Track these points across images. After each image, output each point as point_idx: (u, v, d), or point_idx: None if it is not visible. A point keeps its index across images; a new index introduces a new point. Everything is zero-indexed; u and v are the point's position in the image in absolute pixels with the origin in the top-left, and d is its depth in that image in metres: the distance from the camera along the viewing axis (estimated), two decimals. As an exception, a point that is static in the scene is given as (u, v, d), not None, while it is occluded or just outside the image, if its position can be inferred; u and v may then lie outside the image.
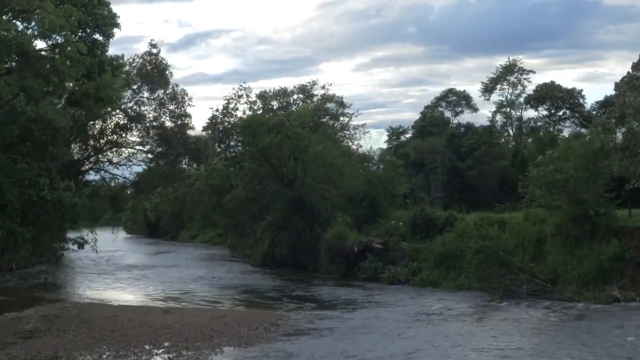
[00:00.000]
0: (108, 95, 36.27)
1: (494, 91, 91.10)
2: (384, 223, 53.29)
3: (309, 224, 59.48)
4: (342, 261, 52.74)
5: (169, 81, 57.74)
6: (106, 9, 38.59)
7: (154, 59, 56.79)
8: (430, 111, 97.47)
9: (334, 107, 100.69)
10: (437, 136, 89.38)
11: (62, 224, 37.66)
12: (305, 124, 61.91)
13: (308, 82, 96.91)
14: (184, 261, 72.88)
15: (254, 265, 64.64)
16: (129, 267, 66.25)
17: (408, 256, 48.97)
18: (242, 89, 72.11)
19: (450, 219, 50.23)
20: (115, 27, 38.78)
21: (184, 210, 72.62)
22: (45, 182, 36.84)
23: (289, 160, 61.28)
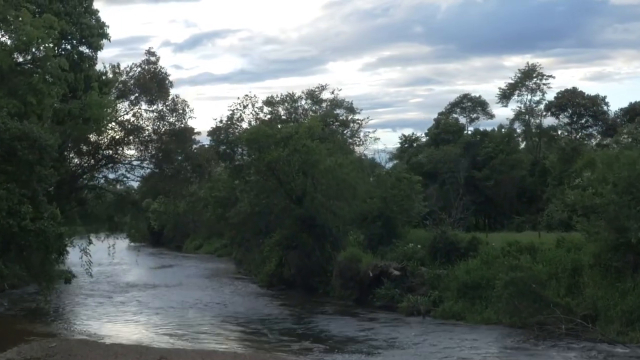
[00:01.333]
0: (95, 115, 32.26)
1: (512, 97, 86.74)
2: (400, 245, 49.33)
3: (319, 243, 55.63)
4: (356, 286, 48.87)
5: (168, 92, 53.78)
6: (94, 18, 34.69)
7: (152, 68, 52.87)
8: (444, 117, 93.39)
9: (344, 112, 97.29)
10: (451, 144, 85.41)
11: (46, 256, 33.74)
12: (314, 135, 57.89)
13: (316, 86, 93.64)
14: (187, 279, 69.11)
15: (261, 286, 60.71)
16: (128, 287, 62.39)
17: (428, 283, 45.01)
18: (247, 98, 68.40)
19: (474, 242, 46.21)
20: (104, 38, 34.85)
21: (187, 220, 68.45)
22: (28, 210, 33.01)
23: (298, 174, 57.29)
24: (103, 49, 35.40)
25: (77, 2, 35.98)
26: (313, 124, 58.17)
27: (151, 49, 54.45)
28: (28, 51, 27.18)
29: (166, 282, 66.07)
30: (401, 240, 50.80)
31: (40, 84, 26.62)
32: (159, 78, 52.92)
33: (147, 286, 63.10)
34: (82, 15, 34.66)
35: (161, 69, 53.57)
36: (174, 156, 54.11)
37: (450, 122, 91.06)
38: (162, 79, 53.23)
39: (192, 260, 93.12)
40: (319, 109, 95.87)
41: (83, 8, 36.11)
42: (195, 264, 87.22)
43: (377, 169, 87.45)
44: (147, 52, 53.74)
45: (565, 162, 71.02)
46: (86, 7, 36.83)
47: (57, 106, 31.64)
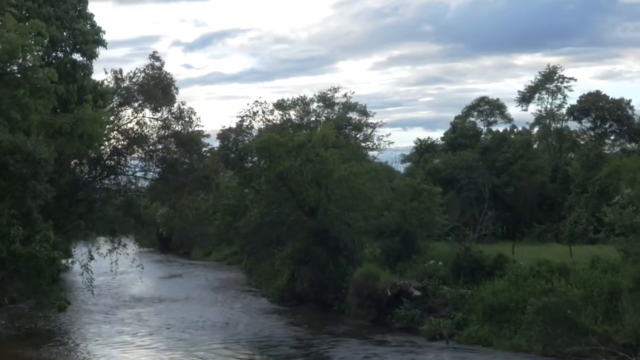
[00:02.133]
0: (89, 131, 29.27)
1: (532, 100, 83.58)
2: (420, 262, 46.36)
3: (333, 256, 52.88)
4: (373, 305, 45.97)
5: (174, 98, 50.72)
6: (88, 23, 31.75)
7: (156, 73, 49.94)
8: (461, 122, 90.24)
9: (356, 115, 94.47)
10: (469, 149, 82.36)
11: (39, 283, 30.93)
12: (328, 144, 54.99)
13: (328, 89, 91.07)
14: (194, 291, 66.22)
15: (272, 301, 57.81)
16: (134, 301, 59.63)
17: (451, 304, 42.02)
18: (257, 104, 65.54)
19: (500, 260, 43.18)
20: (100, 44, 31.92)
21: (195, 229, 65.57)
22: (17, 232, 30.24)
23: (311, 185, 54.42)
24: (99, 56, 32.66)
25: (70, 5, 33.15)
26: (326, 132, 55.20)
27: (156, 53, 51.51)
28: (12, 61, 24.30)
29: (173, 295, 63.31)
30: (421, 256, 47.91)
31: (26, 98, 23.80)
32: (164, 84, 50.00)
33: (152, 300, 60.35)
34: (75, 20, 31.84)
35: (166, 74, 50.67)
36: (179, 167, 51.11)
37: (467, 126, 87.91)
38: (168, 85, 50.28)
39: (201, 268, 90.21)
40: (331, 112, 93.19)
41: (76, 12, 33.32)
42: (204, 273, 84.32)
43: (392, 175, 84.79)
44: (152, 56, 50.98)
45: (589, 169, 68.05)
46: (80, 10, 34.00)
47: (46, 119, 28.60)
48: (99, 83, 33.89)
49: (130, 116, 50.55)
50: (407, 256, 48.50)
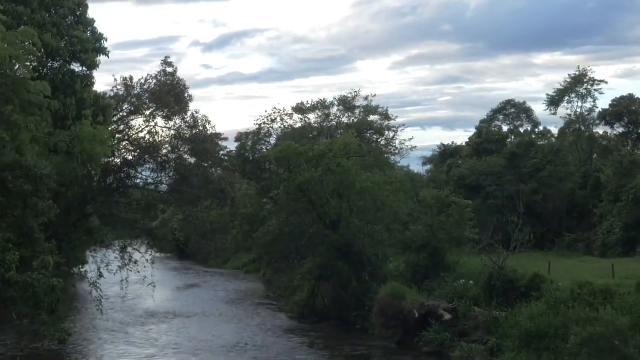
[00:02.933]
0: (87, 150, 26.46)
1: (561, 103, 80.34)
2: (450, 280, 43.41)
3: (355, 272, 50.16)
4: (399, 326, 43.09)
5: (188, 106, 47.82)
6: (89, 29, 28.98)
7: (169, 79, 47.13)
8: (487, 126, 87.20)
9: (378, 119, 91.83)
10: (495, 155, 79.39)
11: (37, 313, 28.25)
12: (350, 153, 52.17)
13: (349, 92, 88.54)
14: (211, 305, 63.54)
15: (291, 317, 54.98)
16: (147, 316, 56.97)
17: (483, 327, 39.06)
18: (276, 112, 62.86)
19: (536, 281, 40.11)
20: (101, 53, 29.17)
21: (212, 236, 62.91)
22: (14, 258, 27.61)
23: (332, 197, 51.57)
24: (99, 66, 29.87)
25: (68, 10, 30.33)
26: (348, 140, 52.30)
27: (168, 58, 48.65)
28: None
29: (188, 309, 60.71)
30: (450, 274, 45.01)
31: (16, 115, 21.17)
32: (176, 90, 47.16)
33: (166, 315, 57.72)
34: (73, 27, 29.12)
35: (179, 81, 47.80)
36: (193, 178, 48.25)
37: (493, 131, 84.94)
38: (181, 92, 47.43)
39: (218, 277, 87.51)
40: (352, 116, 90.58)
41: (75, 18, 30.58)
42: (222, 283, 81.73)
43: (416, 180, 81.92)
44: (164, 62, 48.21)
45: (623, 176, 64.95)
46: (79, 16, 31.19)
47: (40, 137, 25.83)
48: (100, 95, 30.94)
49: (141, 125, 48.02)
50: (435, 273, 45.68)
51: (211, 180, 48.22)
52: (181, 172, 47.15)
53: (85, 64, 28.76)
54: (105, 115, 31.04)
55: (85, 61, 28.68)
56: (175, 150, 47.26)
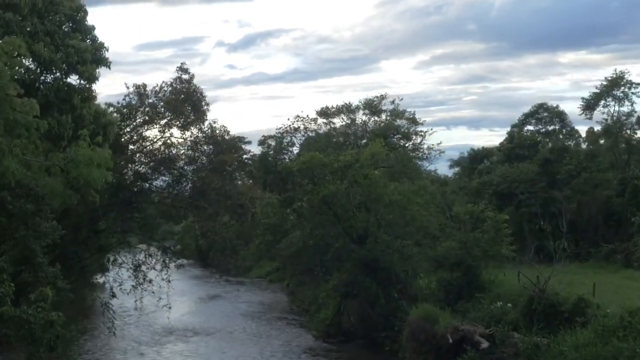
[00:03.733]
0: (84, 175, 23.67)
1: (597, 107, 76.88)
2: (485, 303, 40.39)
3: (384, 289, 47.53)
4: (431, 351, 40.00)
5: (205, 115, 44.93)
6: (88, 38, 26.19)
7: (184, 87, 44.33)
8: (518, 130, 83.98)
9: (405, 124, 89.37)
10: (527, 161, 76.31)
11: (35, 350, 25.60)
12: (378, 163, 49.31)
13: (375, 96, 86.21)
14: (233, 320, 61.04)
15: (316, 336, 52.17)
16: (164, 333, 54.47)
17: (523, 355, 35.86)
18: (299, 120, 60.13)
19: (581, 305, 36.88)
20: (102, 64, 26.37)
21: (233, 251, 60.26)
22: (8, 290, 25.05)
23: (359, 210, 48.73)
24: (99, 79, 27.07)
25: (64, 17, 27.40)
26: (376, 150, 49.38)
27: (184, 64, 45.74)
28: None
29: (208, 325, 58.35)
30: (485, 294, 41.96)
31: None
32: (193, 99, 44.34)
33: (185, 332, 55.28)
34: (69, 35, 26.26)
35: (196, 88, 44.93)
36: (211, 192, 45.38)
37: (525, 136, 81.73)
38: (198, 100, 44.60)
39: (240, 287, 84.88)
40: (378, 120, 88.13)
41: (72, 25, 27.65)
42: (244, 293, 79.19)
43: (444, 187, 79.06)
44: (180, 68, 45.42)
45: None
46: (78, 22, 28.15)
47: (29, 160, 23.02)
48: (102, 112, 27.92)
49: (156, 135, 45.38)
50: (469, 293, 42.73)
51: (230, 195, 45.35)
52: (198, 185, 44.28)
53: (83, 76, 25.84)
54: (107, 134, 28.08)
55: (83, 73, 25.78)
56: (192, 162, 44.37)
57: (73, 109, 25.66)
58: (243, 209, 45.21)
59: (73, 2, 27.46)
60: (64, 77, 25.56)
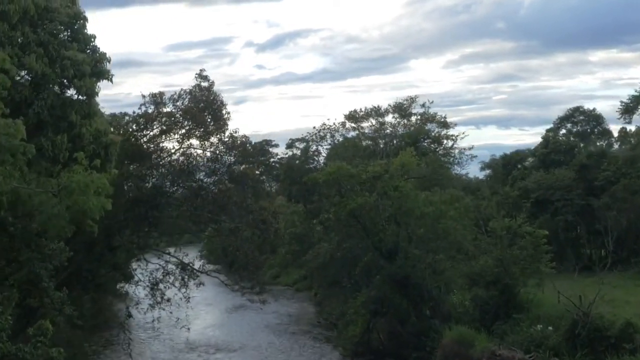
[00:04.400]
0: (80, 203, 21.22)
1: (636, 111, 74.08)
2: (525, 325, 37.74)
3: (415, 306, 45.10)
4: (467, 376, 37.55)
5: (226, 124, 42.47)
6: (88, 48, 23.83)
7: (204, 95, 41.97)
8: (553, 135, 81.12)
9: (436, 128, 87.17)
10: (563, 167, 73.59)
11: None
12: (409, 173, 46.82)
13: (405, 99, 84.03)
14: (258, 334, 58.88)
15: (344, 355, 49.77)
16: (185, 350, 52.63)
17: (566, 384, 33.42)
18: (325, 128, 57.80)
19: (629, 330, 34.22)
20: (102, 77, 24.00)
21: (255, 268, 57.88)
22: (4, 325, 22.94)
23: (388, 223, 46.25)
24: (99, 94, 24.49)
25: (60, 25, 24.79)
26: (406, 160, 46.83)
27: (203, 71, 43.29)
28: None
29: (232, 339, 56.57)
30: (524, 315, 39.29)
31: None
32: (213, 107, 41.98)
33: (207, 349, 53.20)
34: (65, 45, 23.73)
35: (216, 96, 42.51)
36: (232, 206, 42.97)
37: (560, 141, 78.87)
38: (218, 108, 42.20)
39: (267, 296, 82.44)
40: (408, 123, 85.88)
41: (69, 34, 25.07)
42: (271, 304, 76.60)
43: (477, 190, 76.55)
44: (199, 75, 43.01)
45: None
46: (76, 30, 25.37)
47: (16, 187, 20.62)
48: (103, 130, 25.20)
49: (174, 146, 43.14)
50: (507, 313, 40.09)
51: (251, 209, 42.97)
52: (218, 199, 41.92)
53: (81, 91, 23.29)
54: (109, 155, 25.45)
55: (81, 88, 23.21)
56: (212, 174, 41.95)
57: (71, 127, 23.29)
58: (265, 225, 42.70)
59: (71, 9, 24.86)
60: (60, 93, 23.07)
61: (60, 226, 22.14)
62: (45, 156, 22.01)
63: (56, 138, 21.85)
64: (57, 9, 23.70)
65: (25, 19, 22.25)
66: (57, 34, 23.17)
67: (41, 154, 22.04)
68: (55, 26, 23.30)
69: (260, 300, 47.00)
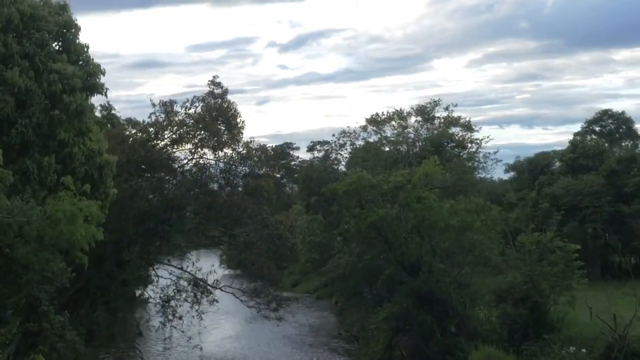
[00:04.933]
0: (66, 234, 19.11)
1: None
2: (556, 347, 35.59)
3: (439, 323, 42.95)
4: (496, 401, 35.51)
5: (240, 133, 40.32)
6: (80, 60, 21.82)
7: (217, 103, 39.87)
8: (581, 139, 78.65)
9: (460, 131, 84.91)
10: (592, 172, 71.28)
11: None
12: (433, 183, 44.75)
13: (428, 102, 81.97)
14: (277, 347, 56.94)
15: (367, 374, 47.76)
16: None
17: (602, 411, 31.32)
18: (345, 135, 55.79)
19: (669, 355, 32.13)
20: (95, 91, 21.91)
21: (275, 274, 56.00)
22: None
23: (411, 236, 44.16)
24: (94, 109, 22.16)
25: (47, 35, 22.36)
26: (430, 170, 44.70)
27: (216, 78, 41.06)
28: None
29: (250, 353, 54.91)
30: (555, 334, 37.15)
31: None
32: (227, 116, 39.92)
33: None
34: (54, 57, 21.41)
35: (230, 104, 40.41)
36: (246, 220, 40.94)
37: (588, 145, 76.32)
38: (232, 117, 40.13)
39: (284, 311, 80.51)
40: (432, 127, 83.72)
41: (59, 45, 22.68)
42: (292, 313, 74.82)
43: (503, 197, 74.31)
44: (212, 82, 40.99)
45: None
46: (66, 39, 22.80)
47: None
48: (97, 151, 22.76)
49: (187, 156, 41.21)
50: (536, 333, 37.99)
51: (267, 223, 40.92)
52: (232, 212, 39.87)
53: (70, 107, 20.91)
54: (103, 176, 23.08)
55: (70, 104, 20.88)
56: (226, 186, 39.83)
57: (62, 147, 21.15)
58: (281, 240, 40.57)
59: (60, 17, 22.63)
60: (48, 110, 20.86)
61: (45, 259, 20.14)
62: (31, 180, 20.11)
63: (43, 159, 19.97)
64: (44, 17, 21.58)
65: (8, 29, 20.21)
66: (44, 44, 20.98)
67: (26, 177, 20.13)
68: (43, 36, 21.10)
69: (276, 317, 44.77)
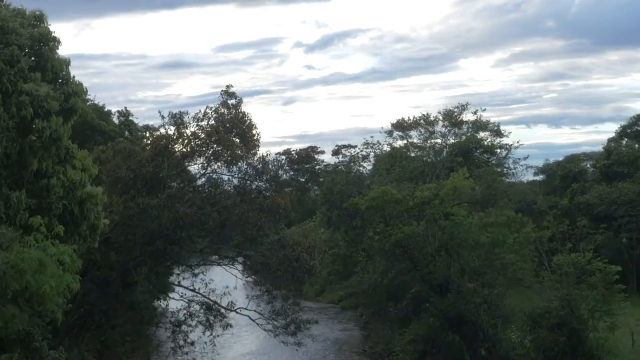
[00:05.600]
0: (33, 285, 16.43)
1: None
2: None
3: (469, 346, 40.57)
4: None
5: (256, 146, 37.72)
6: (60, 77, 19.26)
7: (231, 114, 37.34)
8: (616, 145, 75.52)
9: (489, 136, 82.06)
10: (627, 179, 68.40)
11: None
12: (461, 198, 42.17)
13: (455, 106, 79.18)
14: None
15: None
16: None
17: None
18: (368, 146, 53.31)
19: None
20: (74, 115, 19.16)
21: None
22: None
23: (438, 254, 41.53)
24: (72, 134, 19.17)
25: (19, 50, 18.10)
26: (458, 184, 42.01)
27: (230, 87, 38.56)
28: None
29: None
30: (595, 364, 34.58)
31: None
32: (241, 128, 37.44)
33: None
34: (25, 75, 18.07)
35: (244, 115, 37.86)
36: (262, 241, 38.47)
37: (623, 151, 73.22)
38: (247, 128, 37.62)
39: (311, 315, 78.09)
40: (459, 132, 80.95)
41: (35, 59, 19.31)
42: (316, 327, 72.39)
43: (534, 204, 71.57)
44: (225, 92, 38.45)
45: None
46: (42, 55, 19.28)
47: None
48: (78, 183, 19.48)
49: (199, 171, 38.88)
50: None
51: (283, 243, 38.42)
52: (247, 230, 37.33)
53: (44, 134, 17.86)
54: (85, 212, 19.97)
55: (44, 131, 17.81)
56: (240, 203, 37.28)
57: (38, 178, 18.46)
58: (299, 262, 37.89)
59: (35, 29, 19.62)
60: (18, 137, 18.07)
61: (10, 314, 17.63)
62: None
63: (12, 195, 17.58)
64: (15, 30, 18.73)
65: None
66: (14, 62, 18.15)
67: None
68: (13, 52, 18.21)
69: (294, 342, 42.34)
